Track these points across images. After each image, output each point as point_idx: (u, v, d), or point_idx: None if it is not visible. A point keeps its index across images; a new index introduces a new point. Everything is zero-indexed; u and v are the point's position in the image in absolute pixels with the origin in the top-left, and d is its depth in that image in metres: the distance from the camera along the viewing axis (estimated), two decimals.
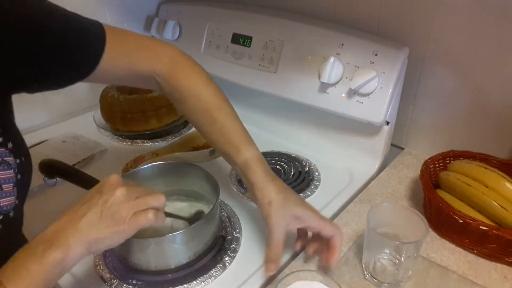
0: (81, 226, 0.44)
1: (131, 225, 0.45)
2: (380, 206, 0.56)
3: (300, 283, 0.50)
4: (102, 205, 0.45)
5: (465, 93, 0.74)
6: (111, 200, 0.45)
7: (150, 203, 0.48)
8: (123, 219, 0.45)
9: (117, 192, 0.46)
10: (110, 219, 0.45)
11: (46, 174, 0.74)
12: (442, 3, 0.70)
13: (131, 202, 0.46)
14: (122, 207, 0.45)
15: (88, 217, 0.44)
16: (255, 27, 0.89)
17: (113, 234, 0.45)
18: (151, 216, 0.47)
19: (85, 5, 0.96)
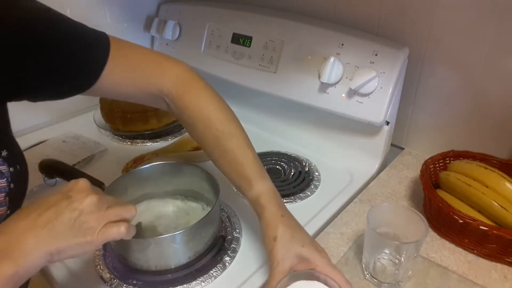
0: (42, 234, 0.39)
1: (100, 237, 0.42)
2: (380, 206, 0.56)
3: (300, 283, 0.49)
4: (71, 213, 0.41)
5: (465, 93, 0.74)
6: (81, 208, 0.41)
7: (122, 214, 0.45)
8: (92, 230, 0.42)
9: (88, 200, 0.42)
10: (77, 229, 0.41)
11: (46, 174, 0.74)
12: (442, 3, 0.70)
13: (102, 212, 0.43)
14: (92, 217, 0.42)
15: (53, 225, 0.40)
16: (255, 27, 0.89)
17: (78, 245, 0.41)
18: (123, 229, 0.43)
19: (85, 5, 0.96)
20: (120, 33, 1.10)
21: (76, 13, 0.93)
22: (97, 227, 0.42)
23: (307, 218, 0.68)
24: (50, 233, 0.40)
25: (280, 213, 0.53)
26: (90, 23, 1.04)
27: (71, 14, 0.97)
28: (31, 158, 0.69)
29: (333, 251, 0.61)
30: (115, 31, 1.07)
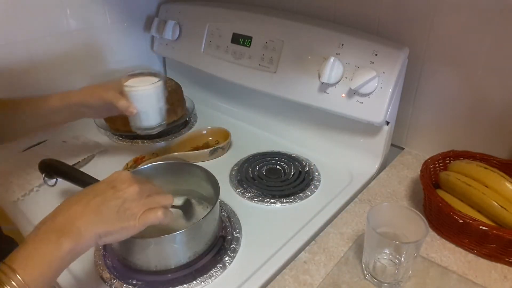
0: (93, 218, 0.45)
1: (141, 222, 0.48)
2: (380, 206, 0.56)
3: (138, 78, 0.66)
4: (115, 200, 0.47)
5: (465, 93, 0.74)
6: (125, 197, 0.47)
7: (161, 202, 0.50)
8: (134, 216, 0.47)
9: (131, 189, 0.48)
10: (122, 215, 0.46)
11: (46, 174, 0.74)
12: (442, 3, 0.70)
13: (143, 200, 0.49)
14: (134, 204, 0.48)
15: (101, 211, 0.46)
16: (255, 27, 0.89)
17: (123, 229, 0.47)
18: (160, 214, 0.49)
19: (85, 5, 0.96)
20: (120, 33, 1.11)
21: (76, 13, 0.94)
22: (138, 213, 0.48)
23: (307, 218, 0.68)
24: (99, 217, 0.45)
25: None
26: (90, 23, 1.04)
27: (71, 14, 0.98)
28: (31, 158, 0.70)
29: (333, 251, 0.61)
30: (115, 31, 1.08)
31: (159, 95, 0.68)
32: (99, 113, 0.72)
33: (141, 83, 0.66)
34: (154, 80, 0.67)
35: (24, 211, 0.72)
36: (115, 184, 0.49)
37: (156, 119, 0.69)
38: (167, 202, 0.52)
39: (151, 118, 0.68)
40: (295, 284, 0.55)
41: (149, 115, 0.68)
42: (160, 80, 0.67)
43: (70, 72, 0.99)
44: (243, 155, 0.86)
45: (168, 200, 0.52)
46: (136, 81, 0.68)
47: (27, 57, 0.90)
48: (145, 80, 0.68)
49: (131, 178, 0.50)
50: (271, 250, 0.62)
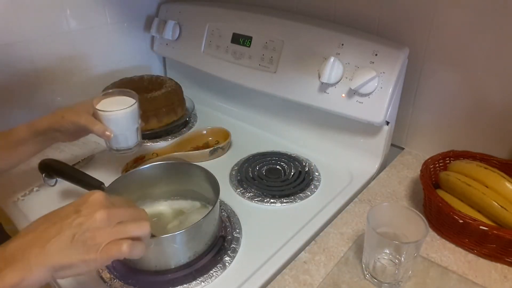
0: (48, 248, 0.39)
1: (103, 255, 0.40)
2: (380, 206, 0.56)
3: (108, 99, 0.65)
4: (76, 228, 0.40)
5: (465, 93, 0.74)
6: (88, 224, 0.40)
7: (131, 232, 0.43)
8: (96, 247, 0.40)
9: (96, 215, 0.41)
10: (81, 245, 0.40)
11: (46, 174, 0.74)
12: (442, 3, 0.70)
13: (109, 229, 0.41)
14: (98, 233, 0.41)
15: (58, 240, 0.39)
16: (255, 27, 0.89)
17: (81, 262, 0.40)
18: (125, 248, 0.41)
19: (85, 5, 0.96)
20: (120, 33, 1.11)
21: (76, 13, 0.94)
22: (101, 244, 0.40)
23: (307, 218, 0.68)
24: (53, 248, 0.39)
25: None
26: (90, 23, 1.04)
27: (71, 14, 0.98)
28: (31, 158, 0.69)
29: (333, 251, 0.61)
30: (115, 31, 1.08)
31: (135, 116, 0.66)
32: (71, 136, 0.67)
33: (114, 105, 0.63)
34: (127, 101, 0.65)
35: (24, 211, 0.72)
36: (80, 208, 0.42)
37: (133, 139, 0.68)
38: (141, 232, 0.43)
39: (129, 139, 0.67)
40: (295, 284, 0.55)
41: (127, 136, 0.66)
42: (135, 102, 0.65)
43: (70, 72, 0.99)
44: (243, 155, 0.86)
45: (142, 229, 0.43)
46: (108, 102, 0.65)
47: (27, 57, 0.90)
48: (118, 101, 0.65)
49: (101, 201, 0.43)
50: (271, 250, 0.62)
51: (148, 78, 1.03)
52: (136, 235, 0.43)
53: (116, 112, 0.63)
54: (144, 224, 0.44)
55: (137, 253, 0.43)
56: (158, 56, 1.19)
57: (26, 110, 0.93)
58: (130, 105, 0.64)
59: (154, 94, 0.92)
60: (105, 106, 0.64)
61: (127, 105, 0.64)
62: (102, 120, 0.63)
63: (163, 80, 1.01)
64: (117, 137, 0.65)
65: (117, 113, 0.63)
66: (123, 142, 0.67)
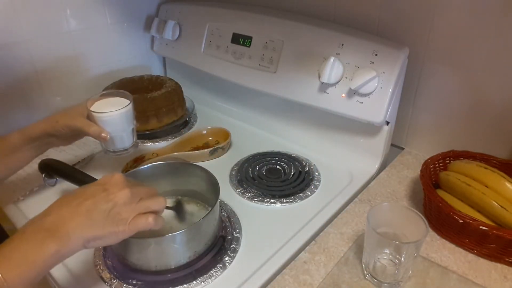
0: (82, 221, 0.44)
1: (131, 227, 0.47)
2: (380, 206, 0.56)
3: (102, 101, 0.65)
4: (106, 204, 0.46)
5: (465, 93, 0.74)
6: (115, 201, 0.46)
7: (151, 207, 0.49)
8: (124, 221, 0.46)
9: (122, 193, 0.47)
10: (112, 219, 0.46)
11: (46, 174, 0.74)
12: (442, 3, 0.70)
13: (134, 205, 0.47)
14: (124, 209, 0.46)
15: (91, 214, 0.45)
16: (255, 27, 0.89)
17: (112, 234, 0.46)
18: (151, 220, 0.48)
19: (85, 5, 0.96)
20: (120, 33, 1.11)
21: (76, 13, 0.94)
22: (129, 218, 0.47)
23: (307, 218, 0.68)
24: (88, 221, 0.44)
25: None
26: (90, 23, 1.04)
27: (71, 14, 0.98)
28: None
29: (333, 251, 0.61)
30: (115, 31, 1.08)
31: (130, 116, 0.66)
32: (66, 140, 0.68)
33: (109, 107, 0.63)
34: (121, 102, 0.65)
35: (24, 211, 0.72)
36: (107, 187, 0.47)
37: (129, 140, 0.68)
38: (159, 206, 0.50)
39: (125, 140, 0.67)
40: (295, 284, 0.55)
41: (122, 137, 0.66)
42: (129, 102, 0.65)
43: (70, 72, 0.99)
44: (243, 155, 0.86)
45: (160, 204, 0.51)
46: (102, 104, 0.65)
47: (27, 57, 0.90)
48: (112, 103, 0.65)
49: (123, 181, 0.49)
50: (271, 250, 0.62)
51: (148, 78, 1.03)
52: (155, 209, 0.50)
53: (111, 113, 0.63)
54: (160, 199, 0.51)
55: (159, 224, 0.50)
56: (158, 56, 1.19)
57: (26, 111, 0.93)
58: (124, 106, 0.64)
59: (154, 94, 0.93)
60: (99, 107, 0.64)
61: (122, 106, 0.64)
62: (97, 122, 0.63)
63: (163, 80, 1.01)
64: (113, 138, 0.65)
65: (112, 114, 0.63)
66: (119, 143, 0.67)
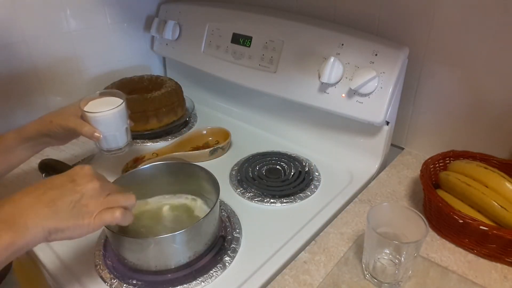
0: (44, 211, 0.42)
1: (97, 221, 0.45)
2: (380, 206, 0.56)
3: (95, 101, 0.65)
4: (72, 195, 0.44)
5: (465, 93, 0.74)
6: (83, 192, 0.45)
7: (120, 202, 0.48)
8: (90, 214, 0.44)
9: (90, 185, 0.45)
10: (77, 211, 0.44)
11: (46, 174, 0.74)
12: (442, 3, 0.70)
13: (102, 198, 0.46)
14: (92, 201, 0.45)
15: (55, 205, 0.43)
16: (255, 27, 0.89)
17: (76, 226, 0.44)
18: (118, 214, 0.46)
19: (85, 5, 0.96)
20: (120, 33, 1.11)
21: (76, 13, 0.94)
22: (95, 211, 0.45)
23: (307, 218, 0.68)
24: (51, 212, 0.42)
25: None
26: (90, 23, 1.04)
27: (71, 14, 0.98)
28: (31, 158, 0.69)
29: (333, 251, 0.61)
30: (115, 31, 1.08)
31: (123, 116, 0.66)
32: (61, 140, 0.67)
33: (102, 106, 0.63)
34: (114, 101, 0.65)
35: None
36: (75, 178, 0.46)
37: (123, 139, 0.68)
38: (128, 202, 0.49)
39: (118, 139, 0.67)
40: (295, 284, 0.55)
41: (116, 137, 0.66)
42: (122, 102, 0.65)
43: (70, 72, 0.99)
44: (243, 155, 0.86)
45: (129, 200, 0.49)
46: (95, 104, 0.65)
47: (27, 57, 0.90)
48: (105, 102, 0.65)
49: (93, 173, 0.47)
50: (271, 250, 0.62)
51: (148, 78, 1.03)
52: (124, 205, 0.48)
53: (104, 113, 0.63)
54: (131, 195, 0.49)
55: (127, 220, 0.48)
56: (158, 56, 1.19)
57: (26, 110, 0.93)
58: (117, 106, 0.64)
59: (154, 94, 0.93)
60: (92, 107, 0.64)
61: (115, 105, 0.64)
62: (90, 122, 0.63)
63: (163, 80, 1.01)
64: (106, 138, 0.65)
65: (105, 114, 0.63)
66: (113, 142, 0.67)
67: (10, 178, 0.79)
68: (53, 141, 0.67)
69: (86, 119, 0.63)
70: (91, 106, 0.64)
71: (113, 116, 0.64)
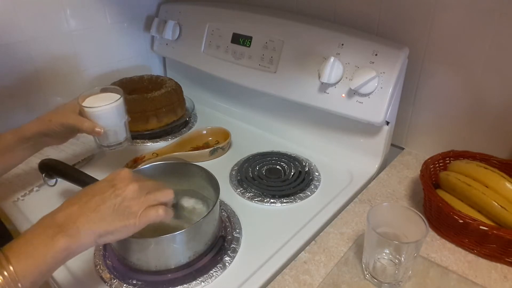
0: (92, 217, 0.45)
1: (142, 220, 0.48)
2: (380, 206, 0.56)
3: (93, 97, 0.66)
4: (115, 199, 0.47)
5: (465, 93, 0.74)
6: (124, 195, 0.47)
7: (160, 199, 0.50)
8: (134, 214, 0.47)
9: (130, 188, 0.48)
10: (121, 213, 0.46)
11: (46, 174, 0.74)
12: (442, 3, 0.70)
13: (142, 198, 0.48)
14: (133, 202, 0.47)
15: (101, 210, 0.46)
16: (255, 27, 0.89)
17: (123, 227, 0.47)
18: (161, 212, 0.49)
19: (85, 5, 0.96)
20: (120, 33, 1.11)
21: (76, 13, 0.94)
22: (138, 211, 0.48)
23: (307, 218, 0.68)
24: (98, 217, 0.45)
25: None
26: (90, 23, 1.04)
27: (71, 14, 0.98)
28: (31, 158, 0.69)
29: (333, 251, 0.61)
30: (115, 31, 1.08)
31: (122, 110, 0.66)
32: (60, 139, 0.68)
33: (100, 102, 0.64)
34: (112, 97, 0.66)
35: (24, 211, 0.72)
36: (114, 182, 0.48)
37: (122, 134, 0.68)
38: (167, 198, 0.51)
39: (118, 134, 0.67)
40: (295, 284, 0.55)
41: (116, 131, 0.67)
42: (120, 96, 0.65)
43: (70, 72, 0.99)
44: (243, 155, 0.86)
45: (168, 196, 0.52)
46: (93, 100, 0.65)
47: (27, 57, 0.90)
48: (103, 98, 0.65)
49: (130, 176, 0.50)
50: (271, 250, 0.62)
51: (148, 78, 1.03)
52: (163, 201, 0.51)
53: (103, 107, 0.63)
54: (168, 191, 0.52)
55: (170, 215, 0.51)
56: (158, 56, 1.19)
57: (26, 110, 0.93)
58: (116, 100, 0.64)
59: (154, 94, 0.93)
60: (91, 103, 0.64)
61: (113, 100, 0.64)
62: (89, 117, 0.63)
63: (163, 80, 1.01)
64: (106, 133, 0.65)
65: (104, 108, 0.63)
66: (113, 137, 0.67)
67: (10, 178, 0.79)
68: (52, 141, 0.67)
69: (85, 114, 0.63)
70: (89, 102, 0.65)
71: (112, 110, 0.64)
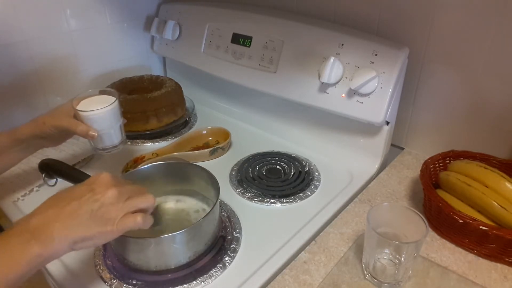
0: (68, 223, 0.44)
1: (119, 227, 0.46)
2: (380, 206, 0.56)
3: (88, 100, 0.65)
4: (92, 204, 0.45)
5: (465, 93, 0.74)
6: (102, 200, 0.46)
7: (139, 205, 0.49)
8: (112, 221, 0.46)
9: (109, 193, 0.46)
10: (99, 219, 0.45)
11: (46, 174, 0.74)
12: (442, 3, 0.70)
13: (121, 204, 0.47)
14: (112, 208, 0.46)
15: (78, 216, 0.44)
16: (255, 27, 0.89)
17: (100, 234, 0.45)
18: (139, 220, 0.47)
19: (85, 5, 0.96)
20: (120, 33, 1.11)
21: (76, 13, 0.94)
22: (116, 218, 0.46)
23: (307, 218, 0.68)
24: (74, 222, 0.44)
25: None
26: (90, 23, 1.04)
27: (71, 14, 0.98)
28: (31, 158, 0.70)
29: (333, 251, 0.61)
30: (115, 31, 1.08)
31: (117, 113, 0.66)
32: (55, 142, 0.68)
33: (94, 105, 0.63)
34: (107, 99, 0.65)
35: (24, 211, 0.72)
36: (93, 187, 0.47)
37: (117, 136, 0.68)
38: (147, 204, 0.50)
39: (113, 137, 0.67)
40: (295, 284, 0.55)
41: (111, 134, 0.66)
42: (115, 99, 0.65)
43: (70, 72, 0.99)
44: (243, 155, 0.86)
45: (148, 201, 0.50)
46: (88, 102, 0.65)
47: (27, 57, 0.90)
48: (98, 101, 0.65)
49: (110, 180, 0.48)
50: (271, 250, 0.62)
51: (148, 78, 1.03)
52: (144, 207, 0.49)
53: (98, 111, 0.63)
54: (149, 196, 0.50)
55: (148, 223, 0.49)
56: (158, 56, 1.19)
57: (26, 110, 0.93)
58: (110, 103, 0.64)
59: (154, 94, 0.93)
60: (85, 106, 0.63)
61: (108, 103, 0.64)
62: (84, 120, 0.63)
63: (163, 80, 1.01)
64: (101, 136, 0.65)
65: (98, 112, 0.63)
66: (108, 140, 0.67)
67: (11, 179, 0.79)
68: (47, 143, 0.67)
69: (79, 118, 0.63)
70: (83, 105, 0.64)
71: (107, 114, 0.64)
